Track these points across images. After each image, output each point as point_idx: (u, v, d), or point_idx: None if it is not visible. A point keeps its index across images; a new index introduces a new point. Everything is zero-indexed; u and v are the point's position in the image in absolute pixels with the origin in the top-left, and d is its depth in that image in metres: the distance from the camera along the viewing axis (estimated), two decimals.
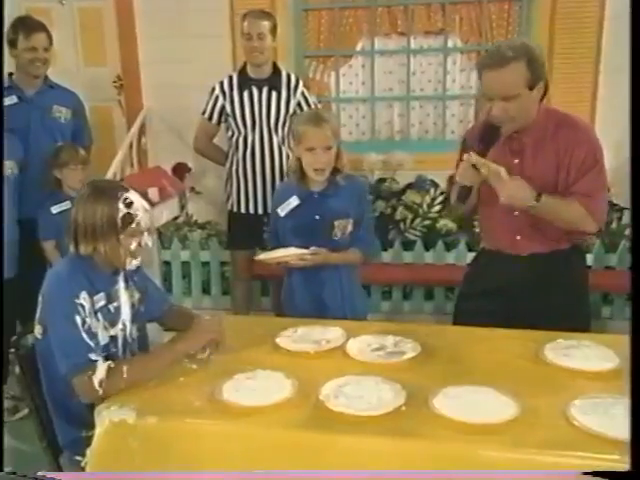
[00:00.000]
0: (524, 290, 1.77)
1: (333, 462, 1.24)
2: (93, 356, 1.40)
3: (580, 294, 1.85)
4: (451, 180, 1.92)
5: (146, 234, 1.53)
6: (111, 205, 1.46)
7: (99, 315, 1.49)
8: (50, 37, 2.59)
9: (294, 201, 1.96)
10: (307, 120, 1.92)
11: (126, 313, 1.58)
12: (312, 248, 1.88)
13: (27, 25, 2.54)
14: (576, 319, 1.78)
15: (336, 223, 1.94)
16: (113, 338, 1.54)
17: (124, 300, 1.58)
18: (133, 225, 1.48)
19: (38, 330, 1.46)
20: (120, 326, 1.56)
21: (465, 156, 1.65)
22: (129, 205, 1.48)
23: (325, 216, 1.94)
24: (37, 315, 1.48)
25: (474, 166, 1.64)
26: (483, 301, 1.82)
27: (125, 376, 1.39)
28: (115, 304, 1.55)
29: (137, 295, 1.63)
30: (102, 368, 1.38)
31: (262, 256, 1.95)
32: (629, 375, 1.02)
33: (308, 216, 1.95)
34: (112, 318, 1.54)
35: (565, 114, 1.75)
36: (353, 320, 1.87)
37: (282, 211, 1.99)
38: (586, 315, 1.88)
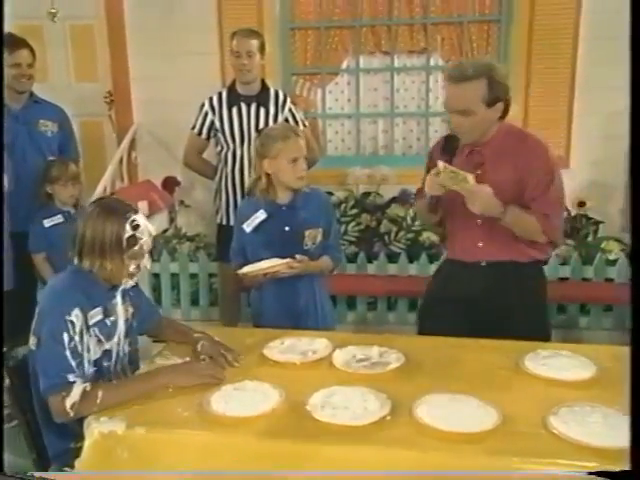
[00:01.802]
0: (484, 300, 1.82)
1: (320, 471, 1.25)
2: (71, 377, 1.40)
3: (537, 305, 1.90)
4: (419, 193, 1.99)
5: (146, 257, 1.55)
6: (120, 224, 1.47)
7: (95, 329, 1.51)
8: (34, 53, 2.59)
9: (261, 215, 1.99)
10: (285, 134, 1.96)
11: (121, 327, 1.60)
12: (298, 256, 1.91)
13: (10, 42, 2.53)
14: (535, 328, 1.83)
15: (307, 233, 1.98)
16: (107, 352, 1.55)
17: (120, 314, 1.59)
18: (136, 248, 1.50)
19: (33, 341, 1.47)
20: (115, 340, 1.58)
21: (438, 166, 1.69)
22: (135, 228, 1.49)
23: (295, 227, 1.98)
24: (33, 326, 1.48)
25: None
26: (446, 309, 1.87)
27: (98, 401, 1.39)
28: (112, 318, 1.56)
29: (131, 310, 1.64)
30: (77, 391, 1.39)
31: (247, 269, 1.95)
32: (629, 376, 1.04)
33: (277, 229, 1.98)
34: (108, 332, 1.55)
35: (525, 132, 1.83)
36: (324, 329, 1.91)
37: (248, 227, 2.01)
38: (545, 324, 1.94)
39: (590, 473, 1.11)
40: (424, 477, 1.22)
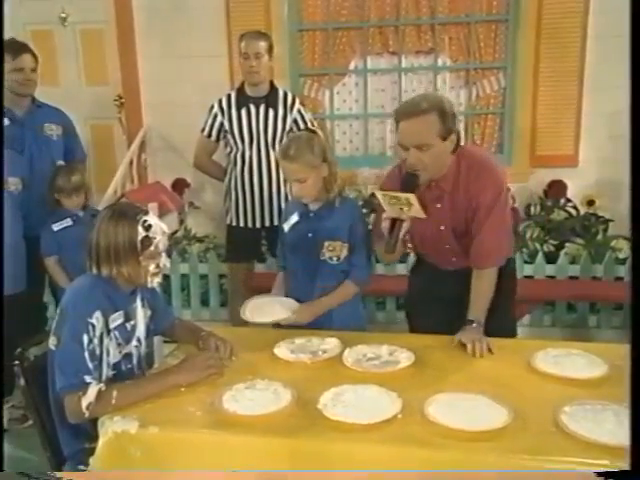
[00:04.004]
0: (459, 297, 1.83)
1: (331, 470, 1.27)
2: (88, 378, 1.42)
3: (506, 304, 1.91)
4: (376, 234, 1.94)
5: (164, 256, 1.56)
6: (132, 227, 1.48)
7: (115, 333, 1.52)
8: (36, 58, 2.61)
9: (295, 217, 2.00)
10: (281, 153, 1.92)
11: (141, 331, 1.62)
12: (295, 308, 1.87)
13: (13, 47, 2.57)
14: (504, 327, 1.85)
15: (326, 244, 1.93)
16: (127, 355, 1.57)
17: (140, 318, 1.61)
18: (151, 248, 1.51)
19: (53, 341, 1.48)
20: (134, 343, 1.60)
21: (377, 196, 1.74)
22: (148, 228, 1.50)
23: (316, 235, 1.95)
24: (53, 326, 1.50)
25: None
26: (429, 308, 1.93)
27: (114, 402, 1.41)
28: (132, 322, 1.58)
29: (149, 313, 1.66)
30: (93, 392, 1.40)
31: (251, 317, 1.89)
32: (629, 376, 1.05)
33: (303, 233, 1.97)
34: (128, 336, 1.57)
35: (476, 158, 1.83)
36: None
37: (286, 227, 2.03)
38: (514, 323, 2.00)
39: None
40: (435, 475, 1.23)
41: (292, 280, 2.04)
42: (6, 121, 2.56)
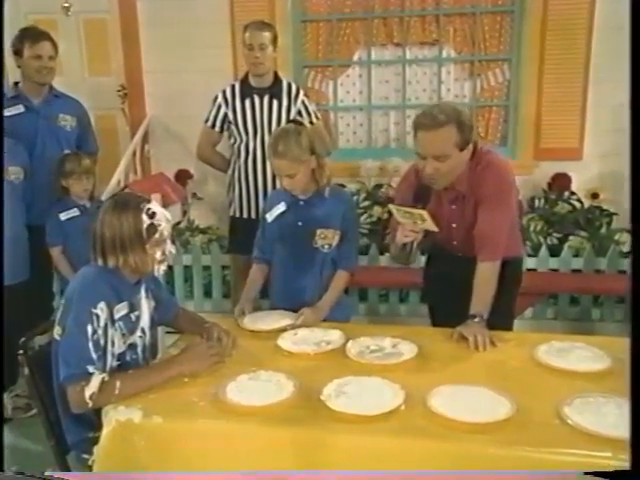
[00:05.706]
0: (462, 283, 1.84)
1: (334, 461, 1.28)
2: (91, 369, 1.42)
3: (504, 296, 1.89)
4: (392, 238, 1.97)
5: (169, 242, 1.56)
6: (136, 216, 1.48)
7: (120, 324, 1.53)
8: (55, 46, 2.62)
9: (281, 207, 2.00)
10: (269, 150, 1.92)
11: (145, 321, 1.62)
12: (299, 315, 1.83)
13: (33, 34, 2.59)
14: (498, 317, 1.83)
15: (318, 232, 1.95)
16: (131, 345, 1.58)
17: (144, 309, 1.61)
18: (157, 235, 1.51)
19: (57, 331, 1.49)
20: (139, 334, 1.60)
21: (391, 209, 1.80)
22: (152, 216, 1.51)
23: (308, 223, 1.96)
24: (58, 316, 1.51)
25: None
26: (439, 286, 2.05)
27: (117, 392, 1.41)
28: (136, 313, 1.59)
29: (153, 303, 1.67)
30: (96, 382, 1.40)
31: (249, 325, 1.83)
32: (629, 375, 1.06)
33: (292, 222, 1.98)
34: (132, 327, 1.58)
35: (488, 159, 1.84)
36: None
37: (270, 217, 2.03)
38: (510, 318, 2.00)
39: (587, 473, 1.12)
40: (437, 467, 1.23)
41: (279, 271, 2.03)
42: (21, 108, 2.58)
